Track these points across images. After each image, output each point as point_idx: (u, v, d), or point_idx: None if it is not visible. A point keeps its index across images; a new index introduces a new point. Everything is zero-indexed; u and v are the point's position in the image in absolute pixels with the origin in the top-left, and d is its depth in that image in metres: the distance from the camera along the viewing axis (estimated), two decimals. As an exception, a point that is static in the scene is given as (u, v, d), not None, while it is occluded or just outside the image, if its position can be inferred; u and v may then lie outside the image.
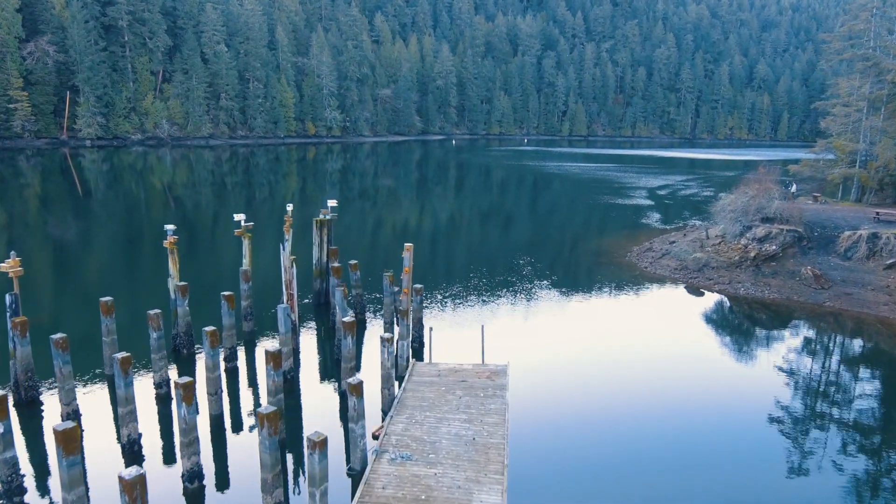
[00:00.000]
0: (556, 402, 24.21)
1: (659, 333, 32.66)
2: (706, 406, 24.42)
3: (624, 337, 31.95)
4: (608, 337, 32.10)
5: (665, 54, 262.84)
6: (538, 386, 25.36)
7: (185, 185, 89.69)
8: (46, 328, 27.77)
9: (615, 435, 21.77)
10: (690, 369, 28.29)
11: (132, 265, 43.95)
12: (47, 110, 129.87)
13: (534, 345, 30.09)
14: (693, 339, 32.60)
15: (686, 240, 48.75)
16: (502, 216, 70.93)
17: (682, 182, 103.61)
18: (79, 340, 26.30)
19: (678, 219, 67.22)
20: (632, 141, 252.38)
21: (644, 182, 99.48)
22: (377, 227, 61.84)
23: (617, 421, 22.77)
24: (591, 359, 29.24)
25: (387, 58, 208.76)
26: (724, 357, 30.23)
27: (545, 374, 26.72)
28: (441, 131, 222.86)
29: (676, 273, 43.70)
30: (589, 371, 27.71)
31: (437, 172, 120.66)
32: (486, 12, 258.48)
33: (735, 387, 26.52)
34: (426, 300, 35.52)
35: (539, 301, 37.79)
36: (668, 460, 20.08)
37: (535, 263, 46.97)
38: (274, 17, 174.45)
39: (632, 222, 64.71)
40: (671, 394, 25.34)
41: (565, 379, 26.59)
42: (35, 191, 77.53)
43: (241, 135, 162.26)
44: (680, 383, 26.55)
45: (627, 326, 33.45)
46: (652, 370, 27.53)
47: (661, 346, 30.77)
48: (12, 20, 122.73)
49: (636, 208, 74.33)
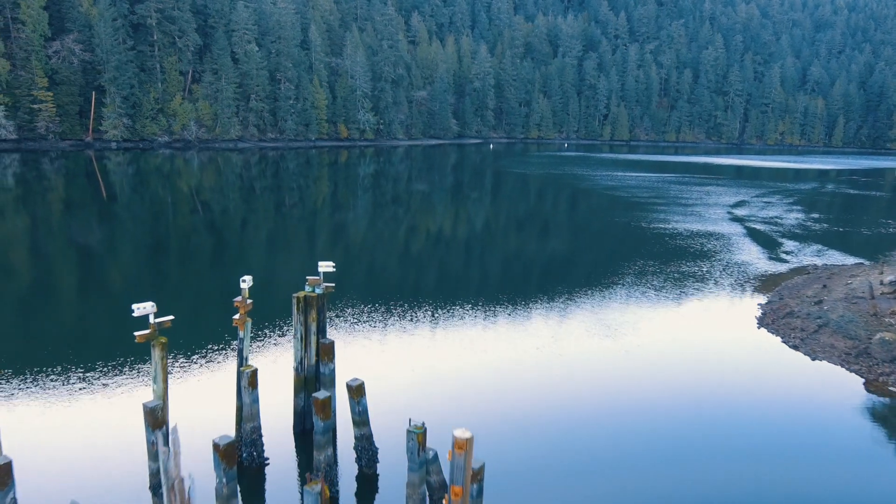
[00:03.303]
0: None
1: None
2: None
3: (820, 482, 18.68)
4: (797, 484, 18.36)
5: (712, 56, 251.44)
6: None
7: (212, 189, 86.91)
8: (70, 337, 27.23)
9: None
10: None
11: (156, 273, 40.97)
12: (72, 111, 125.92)
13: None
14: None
15: (838, 295, 33.48)
16: (554, 248, 53.19)
17: (761, 198, 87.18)
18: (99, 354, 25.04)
19: (792, 255, 50.35)
20: (676, 146, 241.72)
21: (715, 198, 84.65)
22: (404, 242, 54.65)
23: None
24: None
25: (423, 59, 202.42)
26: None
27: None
28: (478, 135, 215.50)
29: (851, 361, 26.83)
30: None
31: (473, 179, 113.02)
32: (525, 12, 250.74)
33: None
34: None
35: (641, 418, 21.89)
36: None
37: (617, 334, 30.00)
38: (307, 17, 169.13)
39: (733, 261, 46.79)
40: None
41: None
42: (59, 194, 75.25)
43: (271, 137, 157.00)
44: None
45: (822, 471, 19.25)
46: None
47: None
48: (38, 18, 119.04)
49: (726, 239, 55.84)
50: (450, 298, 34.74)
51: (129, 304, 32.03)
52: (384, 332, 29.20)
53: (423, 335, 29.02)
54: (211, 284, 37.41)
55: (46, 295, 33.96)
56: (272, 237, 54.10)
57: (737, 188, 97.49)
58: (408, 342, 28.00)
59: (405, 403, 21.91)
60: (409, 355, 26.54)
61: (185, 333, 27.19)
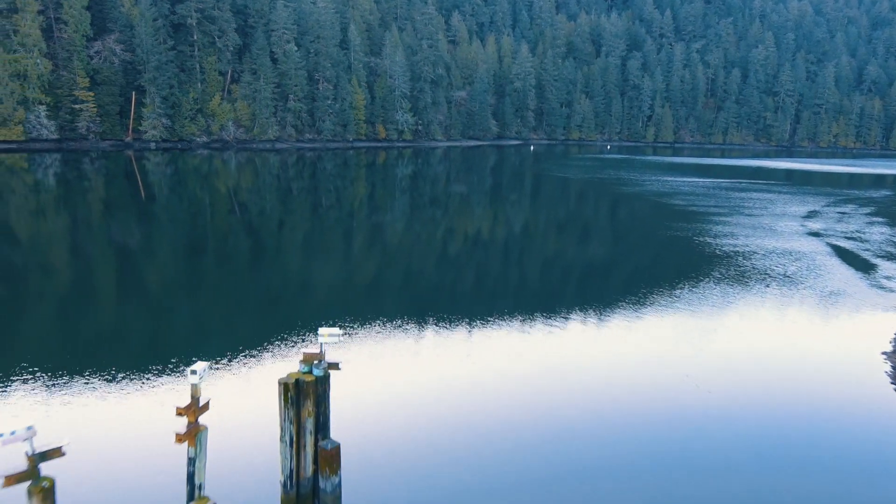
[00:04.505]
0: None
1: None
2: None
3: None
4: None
5: (762, 54, 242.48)
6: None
7: (249, 190, 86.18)
8: (105, 337, 27.03)
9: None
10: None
11: (191, 274, 40.59)
12: (113, 111, 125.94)
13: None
14: None
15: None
16: (607, 265, 46.35)
17: (833, 207, 77.28)
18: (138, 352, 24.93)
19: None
20: (722, 148, 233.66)
21: (781, 207, 74.94)
22: (440, 247, 51.26)
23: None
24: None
25: (462, 58, 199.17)
26: None
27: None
28: (518, 136, 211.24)
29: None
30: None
31: (512, 182, 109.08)
32: (567, 11, 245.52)
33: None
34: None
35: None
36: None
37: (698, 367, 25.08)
38: (347, 16, 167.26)
39: (827, 288, 37.63)
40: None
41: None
42: (98, 194, 75.78)
43: (309, 138, 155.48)
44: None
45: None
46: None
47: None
48: (80, 18, 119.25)
49: (809, 259, 45.84)
50: (482, 309, 31.47)
51: (164, 305, 32.59)
52: (410, 342, 26.15)
53: (449, 347, 25.91)
54: (245, 287, 36.57)
55: (83, 294, 34.41)
56: (307, 240, 52.70)
57: (802, 196, 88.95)
58: (431, 355, 24.59)
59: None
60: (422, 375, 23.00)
61: (219, 339, 26.76)
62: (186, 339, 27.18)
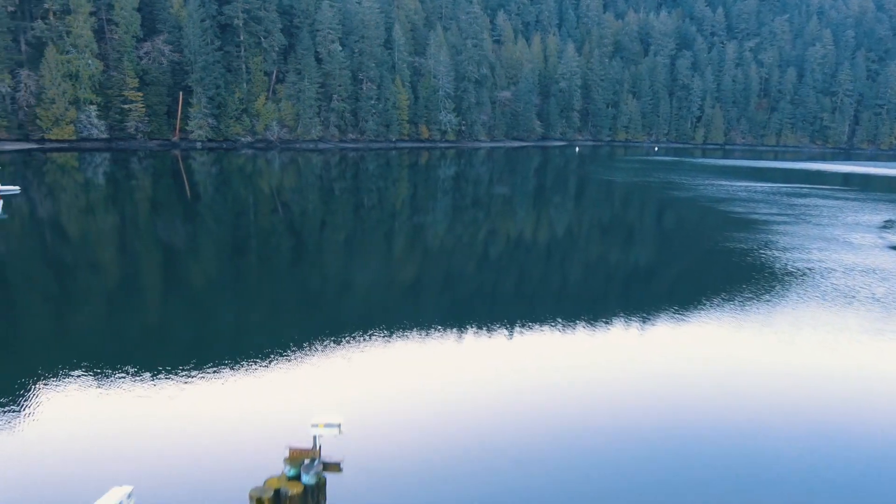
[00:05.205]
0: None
1: None
2: None
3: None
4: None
5: (820, 53, 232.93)
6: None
7: (292, 189, 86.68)
8: (148, 335, 27.42)
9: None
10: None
11: (234, 274, 40.68)
12: (161, 111, 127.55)
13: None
14: None
15: None
16: (668, 283, 41.50)
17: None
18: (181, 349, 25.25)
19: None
20: (776, 150, 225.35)
21: (852, 216, 66.93)
22: (481, 251, 49.24)
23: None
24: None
25: (507, 58, 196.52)
26: None
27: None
28: (562, 137, 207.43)
29: None
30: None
31: (556, 185, 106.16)
32: (615, 10, 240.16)
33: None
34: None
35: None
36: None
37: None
38: (392, 16, 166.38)
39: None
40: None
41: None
42: (146, 193, 77.49)
43: (352, 138, 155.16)
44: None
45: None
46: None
47: None
48: (130, 19, 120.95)
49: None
50: (520, 315, 30.35)
51: (207, 304, 33.78)
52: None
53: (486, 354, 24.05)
54: (286, 287, 37.12)
55: (129, 292, 35.02)
56: (348, 241, 52.21)
57: (873, 203, 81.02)
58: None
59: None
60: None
61: (258, 336, 27.06)
62: (227, 339, 27.33)
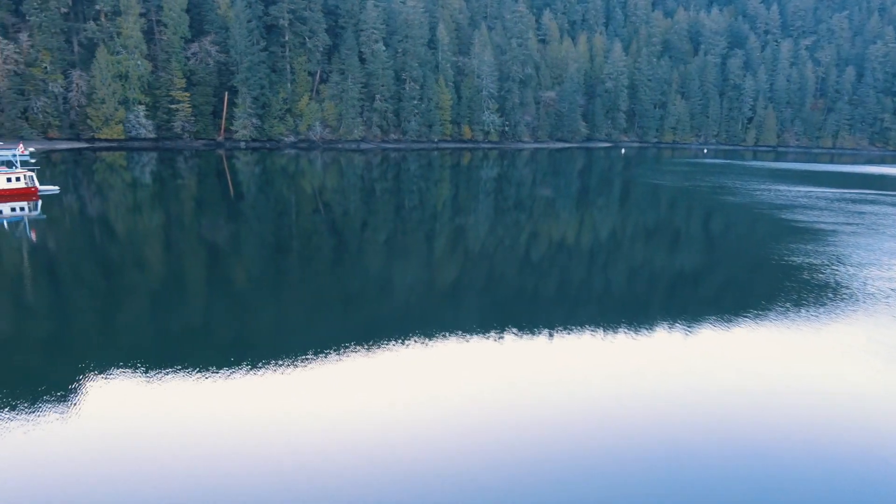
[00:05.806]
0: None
1: None
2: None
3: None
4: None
5: (881, 51, 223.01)
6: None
7: (334, 189, 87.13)
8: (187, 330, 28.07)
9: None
10: None
11: (275, 272, 41.18)
12: (206, 111, 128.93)
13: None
14: None
15: None
16: (728, 305, 35.81)
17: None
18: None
19: None
20: (832, 153, 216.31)
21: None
22: (522, 256, 47.49)
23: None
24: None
25: (552, 58, 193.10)
26: None
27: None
28: (608, 138, 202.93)
29: None
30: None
31: (600, 189, 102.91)
32: (664, 8, 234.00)
33: None
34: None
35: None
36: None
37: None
38: (436, 15, 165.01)
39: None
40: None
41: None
42: (191, 192, 79.20)
43: (394, 138, 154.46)
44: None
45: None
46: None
47: None
48: (179, 20, 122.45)
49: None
50: (559, 319, 30.34)
51: (249, 303, 33.84)
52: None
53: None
54: (326, 286, 38.13)
55: (172, 288, 36.48)
56: (389, 241, 52.45)
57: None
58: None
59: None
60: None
61: (297, 335, 27.67)
62: (267, 336, 27.92)
